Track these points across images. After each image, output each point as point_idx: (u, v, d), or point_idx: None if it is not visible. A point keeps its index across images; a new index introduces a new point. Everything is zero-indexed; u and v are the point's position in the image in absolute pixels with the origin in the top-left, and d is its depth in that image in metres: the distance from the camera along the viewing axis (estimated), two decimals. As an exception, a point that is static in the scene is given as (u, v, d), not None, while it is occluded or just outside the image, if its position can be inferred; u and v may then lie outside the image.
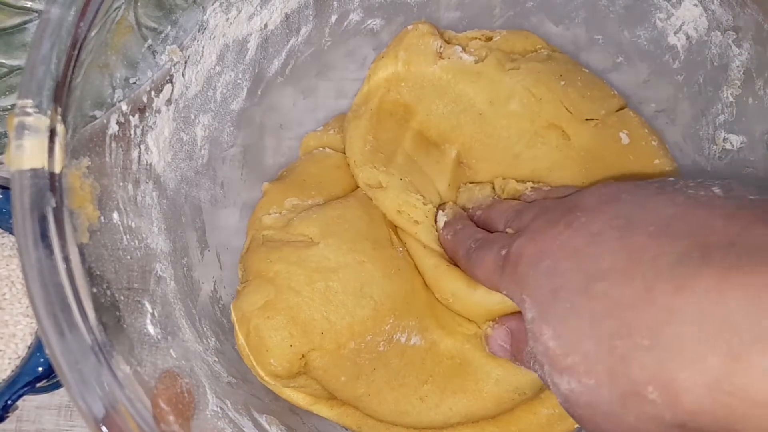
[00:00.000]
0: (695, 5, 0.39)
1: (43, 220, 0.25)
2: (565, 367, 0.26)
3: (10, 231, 0.44)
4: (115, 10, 0.29)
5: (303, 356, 0.36)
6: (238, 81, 0.41)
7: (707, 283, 0.22)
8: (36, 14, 0.42)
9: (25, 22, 0.42)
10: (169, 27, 0.35)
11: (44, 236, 0.25)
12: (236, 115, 0.42)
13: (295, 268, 0.37)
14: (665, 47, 0.41)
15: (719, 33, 0.38)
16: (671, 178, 0.33)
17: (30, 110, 0.26)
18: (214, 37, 0.38)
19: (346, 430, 0.41)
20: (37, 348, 0.40)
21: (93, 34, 0.27)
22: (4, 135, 0.43)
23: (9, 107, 0.44)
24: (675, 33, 0.41)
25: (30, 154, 0.26)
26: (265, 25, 0.41)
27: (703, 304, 0.21)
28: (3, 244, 0.44)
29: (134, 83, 0.34)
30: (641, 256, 0.25)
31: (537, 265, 0.29)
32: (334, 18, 0.43)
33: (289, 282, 0.37)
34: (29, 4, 0.42)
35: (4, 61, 0.43)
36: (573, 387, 0.26)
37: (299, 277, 0.37)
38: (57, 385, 0.44)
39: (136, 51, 0.34)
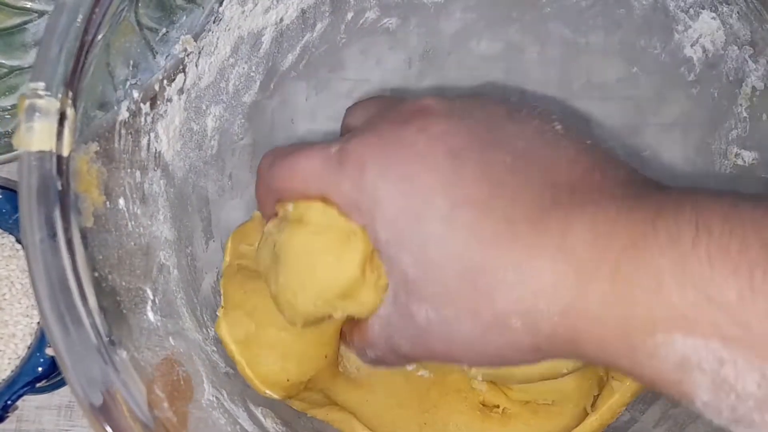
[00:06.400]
0: (713, 18, 0.38)
1: (48, 202, 0.26)
2: (424, 297, 0.25)
3: (10, 231, 0.45)
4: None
5: (302, 382, 0.34)
6: (251, 74, 0.41)
7: (557, 223, 0.24)
8: (36, 14, 0.42)
9: (25, 23, 0.43)
10: (185, 17, 0.35)
11: (48, 218, 0.25)
12: (248, 107, 0.42)
13: (272, 304, 0.32)
14: (681, 59, 0.41)
15: (736, 47, 0.38)
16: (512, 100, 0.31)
17: (41, 93, 0.27)
18: (229, 29, 0.38)
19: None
20: (37, 348, 0.41)
21: (108, 18, 0.28)
22: (5, 135, 0.43)
23: (9, 107, 0.44)
24: (692, 45, 0.40)
25: (39, 136, 0.26)
26: (281, 20, 0.41)
27: (556, 241, 0.23)
28: (3, 244, 0.44)
29: (147, 70, 0.34)
30: (501, 191, 0.25)
31: (387, 173, 0.25)
32: (350, 15, 0.43)
33: (270, 319, 0.33)
34: (29, 5, 0.42)
35: (4, 61, 0.43)
36: (431, 317, 0.25)
37: (280, 316, 0.32)
38: (57, 385, 0.45)
39: (151, 38, 0.34)
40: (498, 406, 0.37)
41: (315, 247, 0.29)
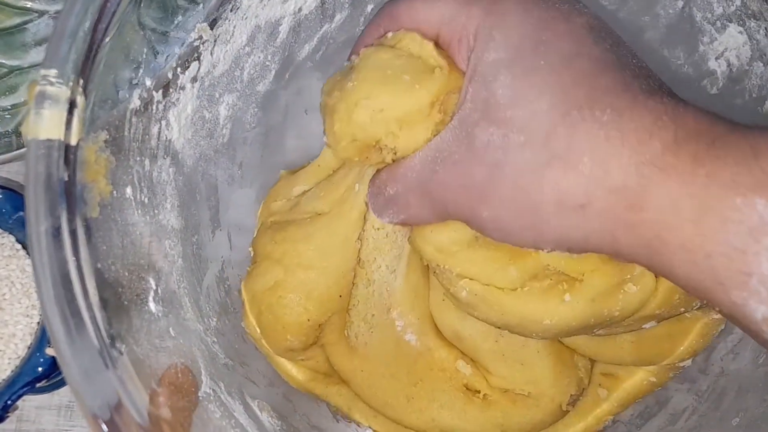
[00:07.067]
0: (740, 33, 0.38)
1: (53, 192, 0.25)
2: (500, 119, 0.25)
3: (11, 231, 0.45)
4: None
5: (320, 325, 0.36)
6: (267, 63, 0.41)
7: (673, 103, 0.25)
8: (36, 14, 0.42)
9: (25, 22, 0.43)
10: (201, 6, 0.35)
11: (53, 208, 0.25)
12: (261, 96, 0.42)
13: (302, 245, 0.36)
14: (705, 71, 0.40)
15: (762, 64, 0.37)
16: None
17: (53, 80, 0.26)
18: (246, 18, 0.38)
19: (336, 416, 0.41)
20: (37, 348, 0.41)
21: (121, 9, 0.27)
22: (5, 135, 0.43)
23: (9, 107, 0.44)
24: (716, 58, 0.39)
25: (48, 124, 0.26)
26: (299, 9, 0.40)
27: (669, 109, 0.24)
28: (3, 244, 0.44)
29: (149, 70, 0.33)
30: (627, 62, 0.27)
31: (526, 9, 0.27)
32: (370, 8, 0.43)
33: (298, 260, 0.36)
34: (29, 4, 0.42)
35: (4, 61, 0.43)
36: (493, 141, 0.25)
37: (308, 253, 0.36)
38: (57, 385, 0.45)
39: (165, 27, 0.34)
40: (479, 392, 0.37)
41: (396, 64, 0.29)
